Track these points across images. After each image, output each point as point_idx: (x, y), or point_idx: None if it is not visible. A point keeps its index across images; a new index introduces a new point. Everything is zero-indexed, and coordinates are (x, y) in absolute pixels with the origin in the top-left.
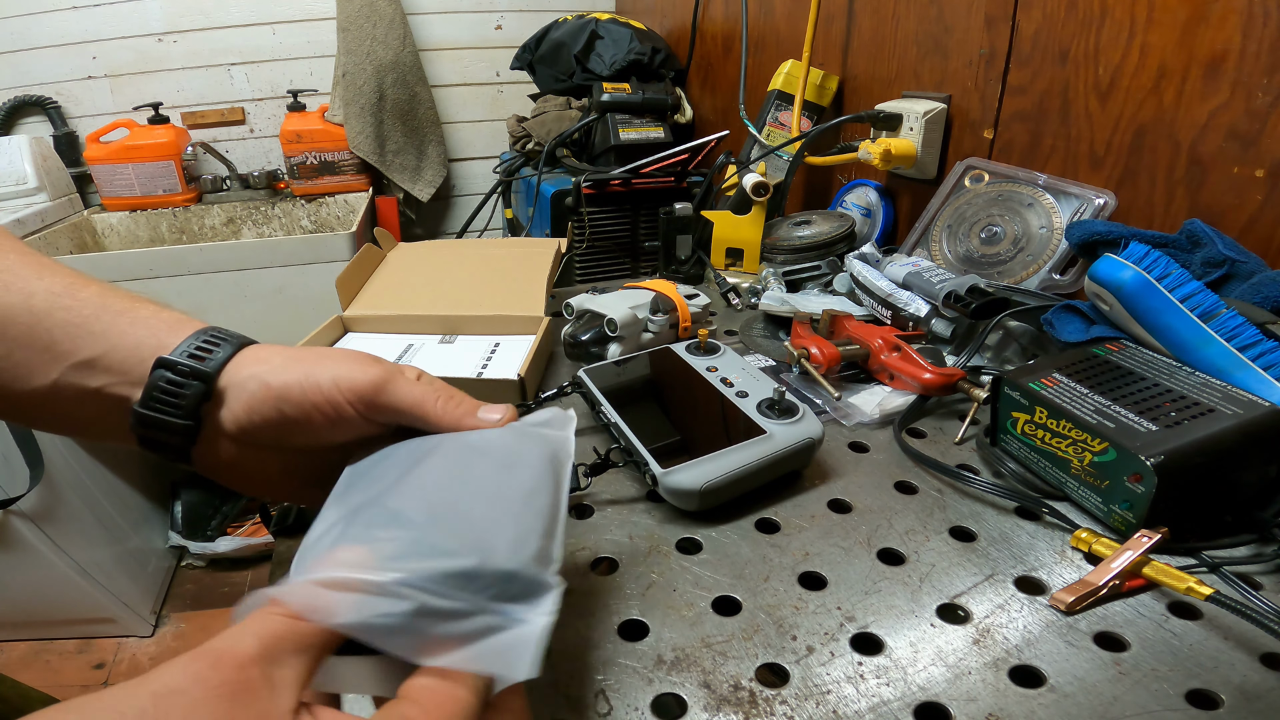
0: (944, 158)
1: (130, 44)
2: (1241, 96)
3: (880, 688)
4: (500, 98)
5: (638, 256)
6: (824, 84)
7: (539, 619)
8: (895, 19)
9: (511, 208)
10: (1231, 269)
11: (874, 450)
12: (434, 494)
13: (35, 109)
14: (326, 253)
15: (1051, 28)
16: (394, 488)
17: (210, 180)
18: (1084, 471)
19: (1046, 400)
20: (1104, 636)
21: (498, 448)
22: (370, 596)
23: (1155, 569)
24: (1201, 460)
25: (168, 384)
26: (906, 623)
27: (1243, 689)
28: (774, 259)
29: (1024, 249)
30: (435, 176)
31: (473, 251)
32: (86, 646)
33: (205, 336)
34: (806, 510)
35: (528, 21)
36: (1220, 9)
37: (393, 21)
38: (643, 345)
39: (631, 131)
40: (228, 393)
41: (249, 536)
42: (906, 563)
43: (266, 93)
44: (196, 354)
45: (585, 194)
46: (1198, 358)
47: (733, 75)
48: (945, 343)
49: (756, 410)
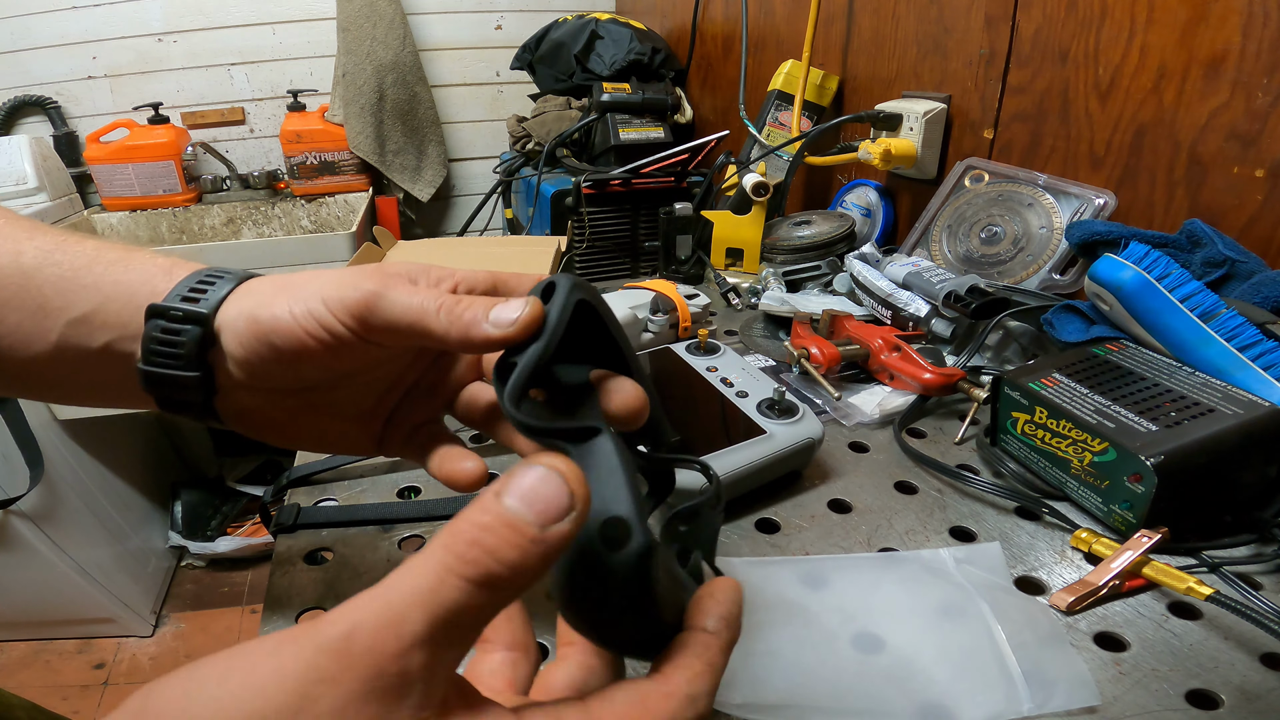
0: (944, 158)
1: (130, 44)
2: (1241, 96)
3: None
4: (500, 98)
5: (638, 256)
6: (824, 84)
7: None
8: (895, 19)
9: (511, 208)
10: (1231, 269)
11: (874, 450)
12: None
13: (35, 109)
14: (326, 253)
15: (1051, 28)
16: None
17: (210, 180)
18: (1084, 471)
19: (1046, 400)
20: (1104, 636)
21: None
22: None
23: (1155, 569)
24: (1201, 460)
25: (163, 333)
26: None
27: (1243, 689)
28: (774, 259)
29: (1024, 249)
30: (435, 176)
31: (473, 250)
32: (86, 646)
33: (200, 277)
34: (806, 510)
35: (528, 21)
36: (1220, 9)
37: (393, 21)
38: (643, 345)
39: (631, 131)
40: (222, 335)
41: (249, 536)
42: None
43: (266, 93)
44: (191, 295)
45: (585, 194)
46: (1198, 358)
47: (733, 75)
48: (945, 343)
49: (756, 410)
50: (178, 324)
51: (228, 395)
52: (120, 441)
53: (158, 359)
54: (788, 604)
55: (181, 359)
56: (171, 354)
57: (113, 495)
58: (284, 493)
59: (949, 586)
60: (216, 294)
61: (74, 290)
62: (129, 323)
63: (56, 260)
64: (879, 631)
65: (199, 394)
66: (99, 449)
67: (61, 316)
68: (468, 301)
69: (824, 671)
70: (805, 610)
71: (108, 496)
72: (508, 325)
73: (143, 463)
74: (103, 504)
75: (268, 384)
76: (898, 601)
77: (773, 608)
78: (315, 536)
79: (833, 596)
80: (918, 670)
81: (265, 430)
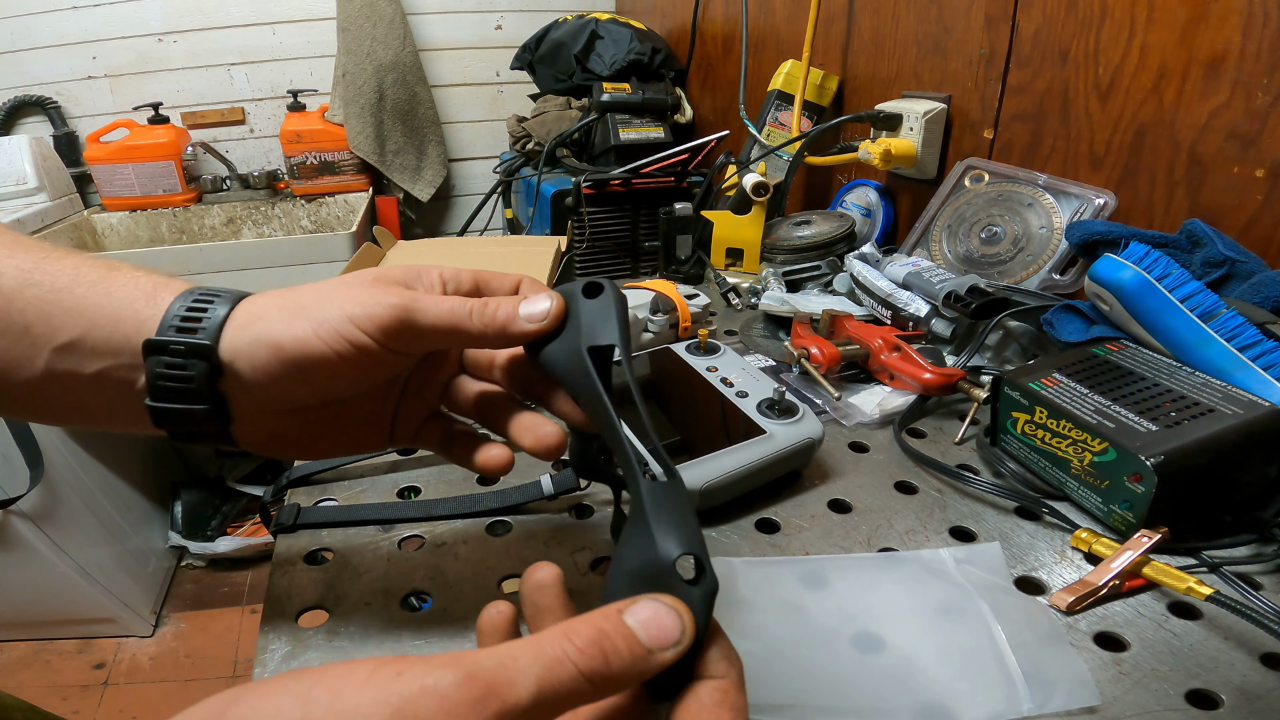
0: (944, 158)
1: (130, 44)
2: (1241, 96)
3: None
4: (500, 98)
5: (638, 256)
6: (824, 84)
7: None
8: (895, 19)
9: (511, 208)
10: (1231, 269)
11: (874, 450)
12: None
13: (35, 109)
14: (326, 253)
15: (1051, 28)
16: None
17: (210, 180)
18: (1084, 471)
19: (1046, 400)
20: (1104, 636)
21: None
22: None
23: (1155, 569)
24: (1201, 460)
25: (167, 369)
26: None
27: (1243, 689)
28: (774, 259)
29: (1024, 249)
30: (435, 176)
31: (473, 249)
32: (86, 646)
33: (189, 302)
34: (806, 510)
35: (528, 21)
36: (1220, 9)
37: (393, 21)
38: (643, 345)
39: (631, 131)
40: (237, 364)
41: (249, 536)
42: None
43: (266, 93)
44: (185, 325)
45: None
46: (1198, 358)
47: (733, 75)
48: (945, 343)
49: (756, 410)
50: (181, 357)
51: (245, 421)
52: (120, 441)
53: (166, 395)
54: (788, 604)
55: (190, 394)
56: (179, 389)
57: (113, 495)
58: (284, 493)
59: (949, 586)
60: (213, 320)
61: (57, 315)
62: (120, 350)
63: (37, 281)
64: (879, 631)
65: (213, 425)
66: (99, 449)
67: (47, 343)
68: (495, 303)
69: (824, 671)
70: (805, 610)
71: (108, 496)
72: (541, 318)
73: (143, 463)
74: (103, 504)
75: (289, 404)
76: (898, 601)
77: (773, 608)
78: (315, 536)
79: (833, 596)
80: (918, 670)
81: (285, 448)
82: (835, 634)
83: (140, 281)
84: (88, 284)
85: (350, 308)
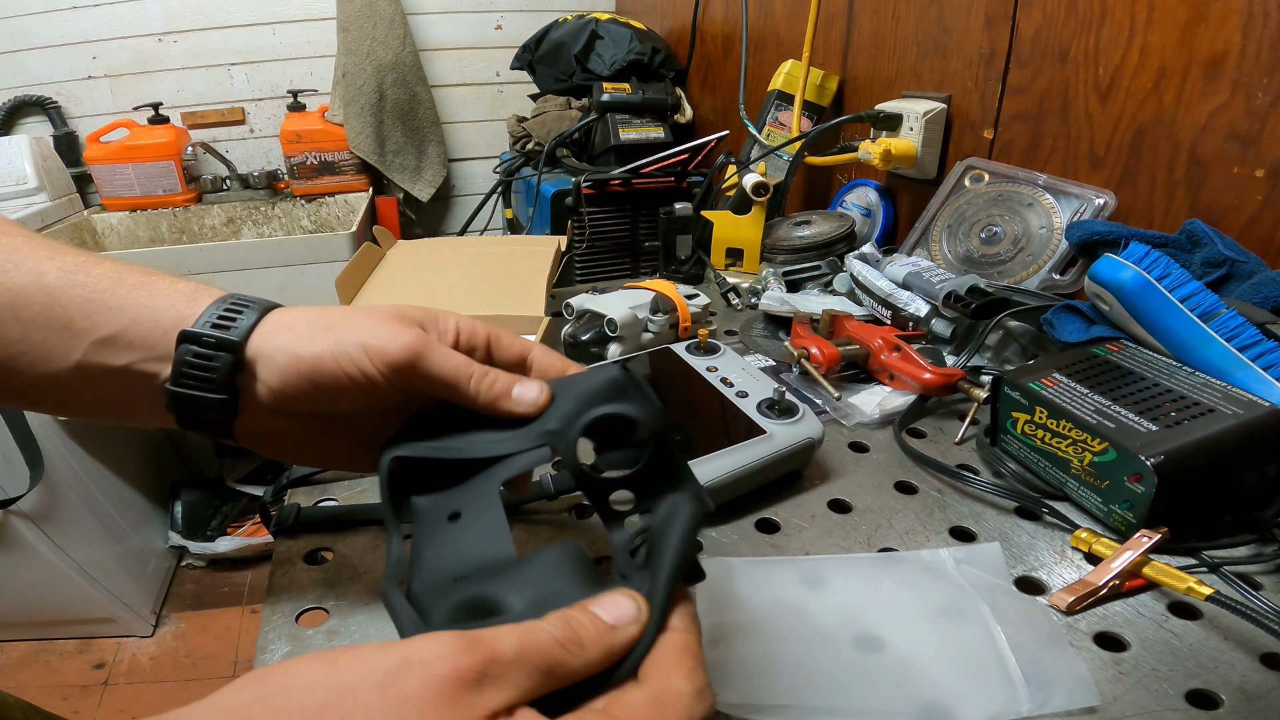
0: (944, 158)
1: (130, 44)
2: (1241, 96)
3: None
4: (500, 98)
5: (638, 256)
6: (824, 84)
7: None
8: (895, 19)
9: (511, 208)
10: (1231, 269)
11: (874, 450)
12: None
13: (35, 109)
14: (326, 253)
15: (1051, 28)
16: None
17: (210, 180)
18: (1084, 471)
19: (1046, 400)
20: (1104, 636)
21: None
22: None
23: (1155, 569)
24: (1201, 460)
25: (195, 357)
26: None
27: (1243, 689)
28: (774, 259)
29: (1024, 249)
30: (435, 176)
31: (473, 250)
32: (86, 646)
33: (226, 305)
34: (806, 510)
35: (528, 21)
36: (1220, 9)
37: (393, 21)
38: (643, 345)
39: (631, 131)
40: (258, 365)
41: (249, 536)
42: None
43: (266, 93)
44: (220, 323)
45: (585, 194)
46: (1198, 358)
47: (733, 75)
48: (945, 343)
49: (756, 410)
50: (210, 349)
51: (249, 417)
52: (120, 441)
53: (187, 381)
54: (788, 604)
55: (212, 382)
56: (202, 377)
57: (113, 495)
58: (284, 493)
59: (949, 587)
60: (245, 323)
61: (100, 312)
62: (154, 345)
63: (80, 281)
64: (879, 631)
65: (221, 415)
66: (99, 449)
67: (87, 336)
68: (494, 375)
69: (824, 671)
70: (805, 610)
71: (108, 496)
72: (529, 404)
73: (143, 463)
74: (103, 504)
75: (296, 410)
76: (897, 602)
77: (772, 608)
78: (315, 536)
79: (832, 596)
80: (918, 670)
81: (279, 448)
82: (835, 634)
83: (180, 286)
84: (130, 286)
85: (368, 337)
